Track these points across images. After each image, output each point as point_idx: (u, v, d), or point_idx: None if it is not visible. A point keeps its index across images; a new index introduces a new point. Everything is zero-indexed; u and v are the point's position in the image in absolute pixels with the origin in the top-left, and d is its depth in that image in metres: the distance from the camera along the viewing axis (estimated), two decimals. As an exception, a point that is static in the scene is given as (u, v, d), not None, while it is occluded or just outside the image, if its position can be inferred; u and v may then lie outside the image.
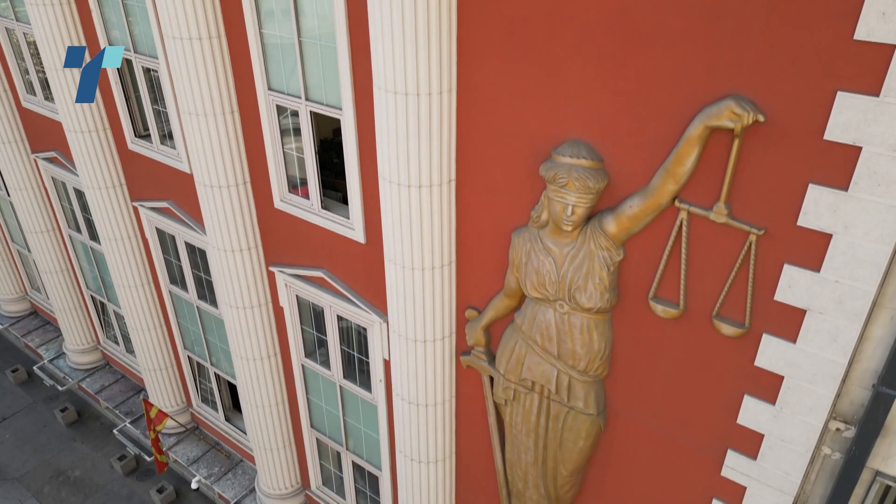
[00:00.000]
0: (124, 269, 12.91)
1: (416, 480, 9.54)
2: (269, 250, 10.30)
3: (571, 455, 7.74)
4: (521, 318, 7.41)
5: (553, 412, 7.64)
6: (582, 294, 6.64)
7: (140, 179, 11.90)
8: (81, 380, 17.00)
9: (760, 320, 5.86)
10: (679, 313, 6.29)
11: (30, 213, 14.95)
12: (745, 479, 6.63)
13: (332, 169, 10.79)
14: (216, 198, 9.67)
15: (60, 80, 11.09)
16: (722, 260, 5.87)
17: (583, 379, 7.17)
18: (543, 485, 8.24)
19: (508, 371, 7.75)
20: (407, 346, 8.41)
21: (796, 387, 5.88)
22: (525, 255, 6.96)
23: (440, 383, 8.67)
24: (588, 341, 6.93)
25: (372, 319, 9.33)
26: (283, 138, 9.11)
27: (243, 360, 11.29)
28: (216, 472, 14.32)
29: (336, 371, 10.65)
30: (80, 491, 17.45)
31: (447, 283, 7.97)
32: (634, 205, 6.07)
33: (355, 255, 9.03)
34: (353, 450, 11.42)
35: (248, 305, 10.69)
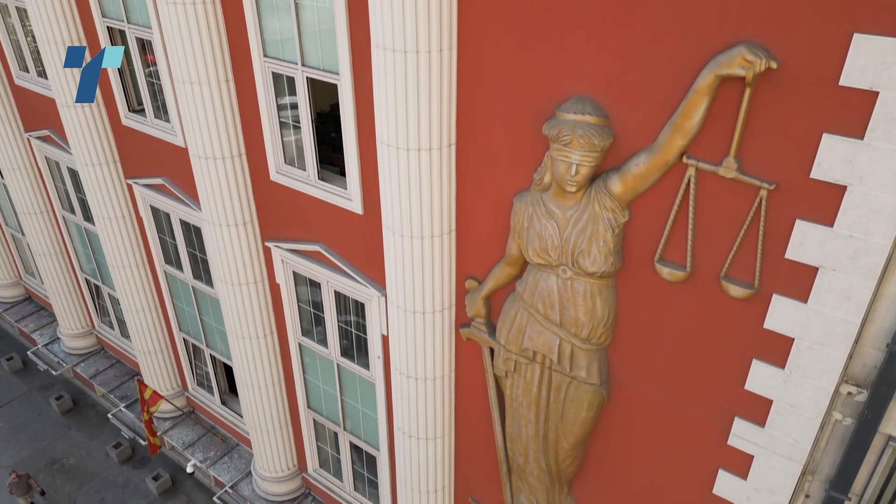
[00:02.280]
0: (118, 249, 12.71)
1: (414, 458, 9.36)
2: (265, 225, 10.11)
3: (573, 427, 7.56)
4: (523, 286, 7.23)
5: (555, 383, 7.46)
6: (585, 258, 6.46)
7: (134, 156, 11.70)
8: (76, 364, 16.80)
9: (770, 280, 5.69)
10: (685, 276, 6.11)
11: (23, 194, 14.75)
12: (752, 448, 6.46)
13: (329, 144, 10.62)
14: (211, 170, 9.47)
15: (52, 54, 10.88)
16: (731, 218, 5.69)
17: (585, 347, 6.99)
18: (544, 459, 8.07)
19: (509, 341, 7.57)
20: (406, 319, 8.22)
21: (807, 349, 5.71)
22: (527, 220, 6.78)
23: (439, 357, 8.49)
24: (591, 308, 6.75)
25: (370, 294, 9.15)
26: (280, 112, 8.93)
27: (239, 340, 11.10)
28: (212, 456, 14.14)
29: (333, 349, 10.46)
30: (75, 479, 17.31)
31: (447, 252, 7.79)
32: (641, 163, 5.89)
33: (353, 227, 8.85)
34: (351, 430, 11.24)
35: (243, 282, 10.50)
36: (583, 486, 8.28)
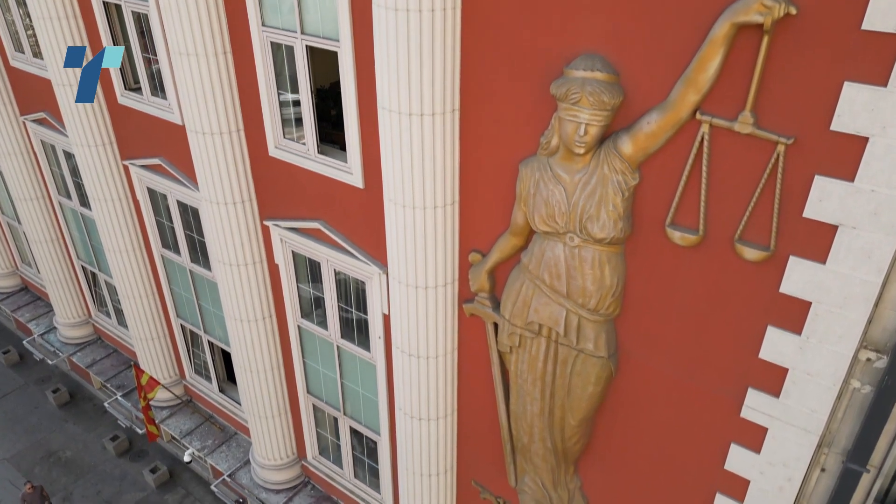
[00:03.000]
0: (115, 233, 12.50)
1: (416, 440, 9.15)
2: (264, 204, 9.90)
3: (580, 403, 7.35)
4: (528, 257, 7.03)
5: (561, 357, 7.25)
6: (594, 223, 6.25)
7: (131, 137, 11.50)
8: (72, 354, 16.58)
9: (787, 241, 5.48)
10: (698, 239, 5.91)
11: (19, 179, 14.54)
12: (766, 420, 6.25)
13: (329, 121, 10.42)
14: (208, 146, 9.27)
15: (48, 31, 10.68)
16: (746, 177, 5.49)
17: (593, 319, 6.78)
18: (550, 437, 7.86)
19: (514, 315, 7.36)
20: (408, 294, 8.01)
21: (825, 313, 5.50)
22: (533, 186, 6.57)
23: (442, 334, 8.28)
24: (599, 277, 6.55)
25: (371, 271, 8.95)
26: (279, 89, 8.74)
27: (237, 323, 10.89)
28: (210, 445, 13.92)
29: (333, 331, 10.25)
30: (71, 471, 17.14)
31: (450, 223, 7.58)
32: (652, 121, 5.68)
33: (353, 202, 8.64)
34: (351, 414, 11.03)
35: (241, 263, 10.29)
36: (589, 464, 8.06)
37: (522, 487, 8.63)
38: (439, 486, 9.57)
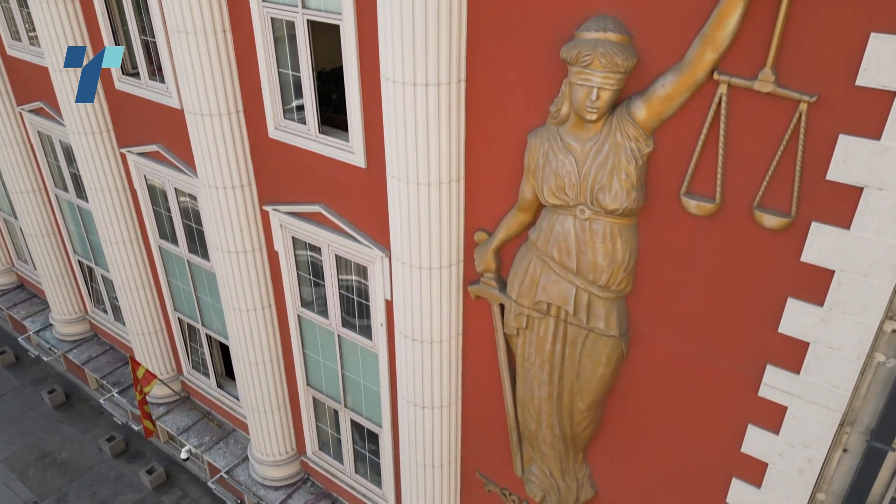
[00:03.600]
0: (112, 224, 12.27)
1: (419, 430, 8.88)
2: (263, 188, 9.68)
3: (590, 385, 7.09)
4: (536, 233, 6.80)
5: (570, 338, 7.01)
6: (606, 194, 6.03)
7: (128, 123, 11.29)
8: (68, 351, 16.30)
9: (809, 207, 5.25)
10: (715, 208, 5.68)
11: (15, 171, 14.33)
12: (785, 398, 6.00)
13: (331, 105, 10.22)
14: (207, 128, 9.06)
15: (44, 13, 10.49)
16: (766, 139, 5.27)
17: (604, 296, 6.55)
18: (558, 423, 7.60)
19: (521, 295, 7.12)
20: (411, 276, 7.78)
21: (849, 282, 5.27)
22: (542, 157, 6.35)
23: (446, 317, 8.04)
24: (611, 251, 6.32)
25: (373, 255, 8.71)
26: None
27: (236, 313, 10.64)
28: (207, 442, 13.62)
29: (334, 319, 10.00)
30: (66, 473, 16.88)
31: (455, 201, 7.36)
32: (667, 83, 5.47)
33: (355, 183, 8.42)
34: (352, 407, 10.76)
35: (240, 250, 10.06)
36: (599, 452, 7.80)
37: (529, 477, 8.36)
38: (443, 477, 9.29)
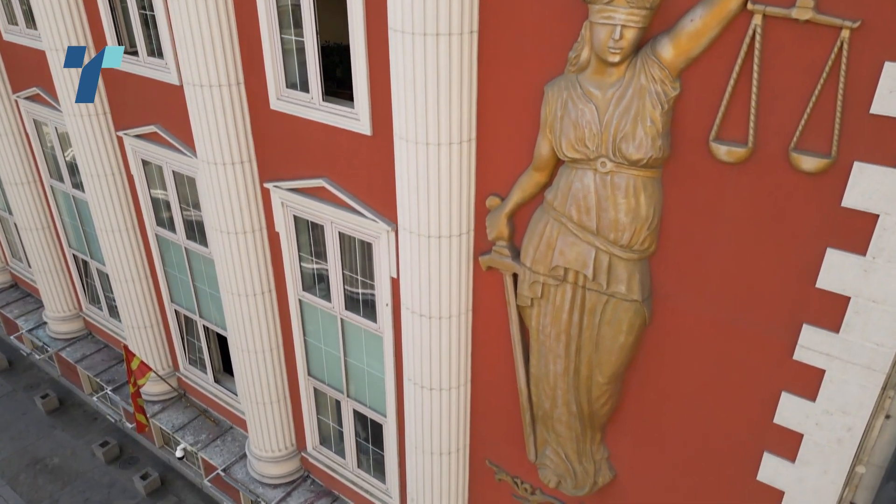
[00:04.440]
0: (107, 211, 11.90)
1: (426, 414, 8.44)
2: (264, 165, 9.33)
3: (610, 356, 6.68)
4: (553, 193, 6.43)
5: (588, 305, 6.61)
6: (629, 143, 5.67)
7: (126, 105, 10.97)
8: (61, 349, 15.87)
9: (851, 145, 4.90)
10: (747, 153, 5.32)
11: (10, 162, 13.99)
12: (823, 361, 5.60)
13: (335, 80, 9.90)
14: (206, 99, 8.72)
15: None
16: (803, 73, 4.93)
17: (626, 256, 6.17)
18: (575, 400, 7.17)
19: (536, 261, 6.74)
20: (419, 246, 7.40)
21: (894, 226, 4.89)
22: (560, 108, 6.00)
23: (456, 290, 7.65)
24: (634, 207, 5.95)
25: (378, 229, 8.34)
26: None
27: (234, 298, 10.24)
28: (203, 440, 13.15)
29: (337, 302, 9.60)
30: (58, 478, 16.40)
31: (466, 163, 7.00)
32: (697, 17, 5.14)
33: (360, 152, 8.07)
34: (355, 396, 10.32)
35: (240, 230, 9.68)
36: (618, 432, 7.37)
37: (543, 461, 7.91)
38: (451, 466, 8.84)
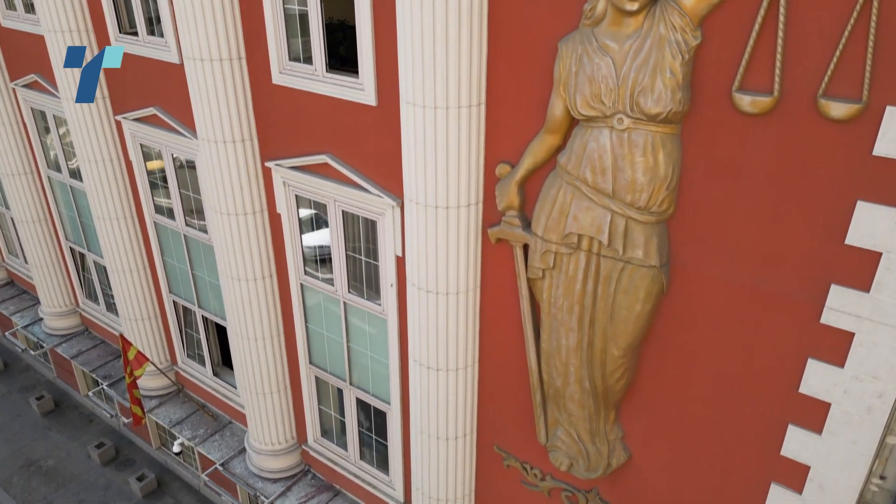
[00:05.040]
0: (105, 198, 11.67)
1: (433, 397, 8.15)
2: (266, 144, 9.10)
3: (626, 326, 6.41)
4: (567, 155, 6.19)
5: (603, 273, 6.35)
6: (648, 96, 5.44)
7: (124, 88, 10.76)
8: (57, 345, 15.55)
9: (883, 89, 4.67)
10: (773, 102, 5.09)
11: (7, 153, 13.76)
12: (852, 323, 5.33)
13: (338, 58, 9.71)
14: (207, 74, 8.51)
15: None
16: (833, 13, 4.70)
17: (643, 219, 5.92)
18: (588, 376, 6.89)
19: (549, 229, 6.49)
20: (426, 218, 7.15)
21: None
22: (575, 63, 5.78)
23: (464, 265, 7.39)
24: (652, 165, 5.71)
25: (383, 205, 8.10)
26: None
27: (234, 283, 9.97)
28: (201, 434, 12.82)
29: (340, 285, 9.34)
30: (52, 481, 16.09)
31: (475, 129, 6.77)
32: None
33: (365, 124, 7.85)
34: (358, 384, 10.02)
35: (240, 212, 9.43)
36: (633, 410, 7.08)
37: (554, 443, 7.61)
38: (457, 452, 8.53)
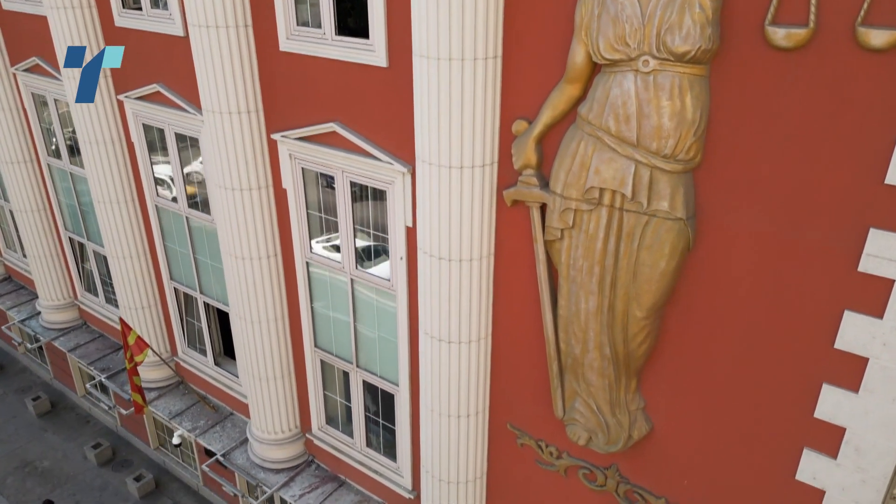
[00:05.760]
0: (106, 181, 11.42)
1: (443, 371, 7.85)
2: (272, 116, 8.87)
3: (649, 285, 6.14)
4: (588, 105, 5.96)
5: (626, 229, 6.10)
6: (675, 33, 5.22)
7: (127, 67, 10.50)
8: (54, 339, 15.22)
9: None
10: (808, 34, 4.86)
11: (6, 139, 13.53)
12: (892, 269, 5.06)
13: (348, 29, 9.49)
14: (213, 42, 8.30)
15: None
16: (873, -66, 4.50)
17: (670, 168, 5.67)
18: (609, 342, 6.61)
19: (568, 185, 6.25)
20: (439, 179, 6.90)
21: (979, 101, 4.42)
22: (598, 5, 5.56)
23: (478, 229, 7.13)
24: (679, 109, 5.47)
25: (394, 172, 7.85)
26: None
27: (237, 262, 9.69)
28: (201, 426, 12.46)
29: (347, 261, 9.07)
30: (47, 481, 15.76)
31: (491, 83, 6.53)
32: None
33: (375, 89, 7.63)
34: (365, 366, 9.72)
35: (245, 187, 9.19)
36: (655, 378, 6.78)
37: (572, 416, 7.30)
38: (469, 430, 8.21)
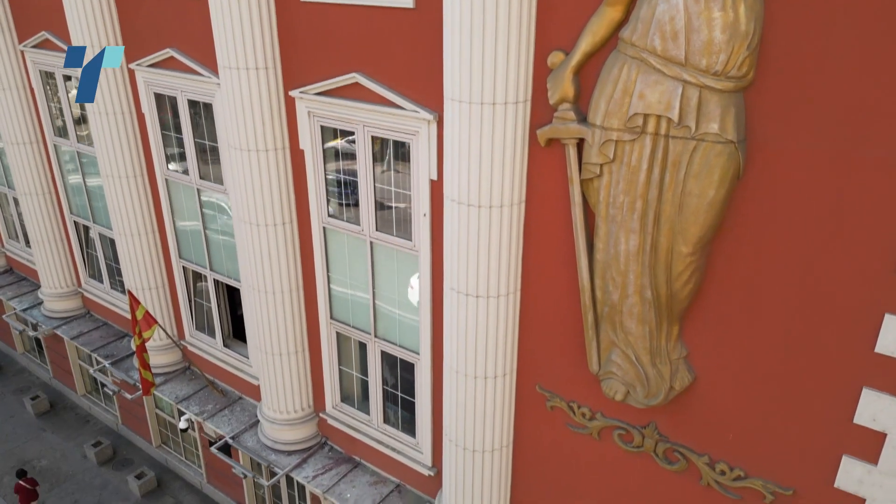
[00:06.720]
0: (115, 153, 11.13)
1: (470, 328, 7.47)
2: (290, 72, 8.61)
3: (696, 217, 5.80)
4: (632, 26, 5.68)
5: (672, 158, 5.79)
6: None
7: (139, 34, 10.32)
8: (56, 327, 14.82)
9: None
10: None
11: (12, 119, 13.26)
12: (967, 180, 4.75)
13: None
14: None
15: None
16: None
17: (720, 86, 5.37)
18: (651, 283, 6.26)
19: (610, 114, 5.95)
20: (470, 117, 6.59)
21: None
22: (645, -88, 5.32)
23: (510, 174, 6.81)
24: (732, 21, 5.19)
25: (418, 121, 7.56)
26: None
27: (251, 228, 9.36)
28: (209, 410, 12.04)
29: (367, 224, 8.73)
30: (45, 481, 15.39)
31: (526, 11, 6.24)
32: None
33: (400, 33, 7.36)
34: (384, 336, 9.33)
35: (261, 148, 8.90)
36: (698, 324, 6.40)
37: (609, 369, 6.92)
38: (496, 393, 7.82)
